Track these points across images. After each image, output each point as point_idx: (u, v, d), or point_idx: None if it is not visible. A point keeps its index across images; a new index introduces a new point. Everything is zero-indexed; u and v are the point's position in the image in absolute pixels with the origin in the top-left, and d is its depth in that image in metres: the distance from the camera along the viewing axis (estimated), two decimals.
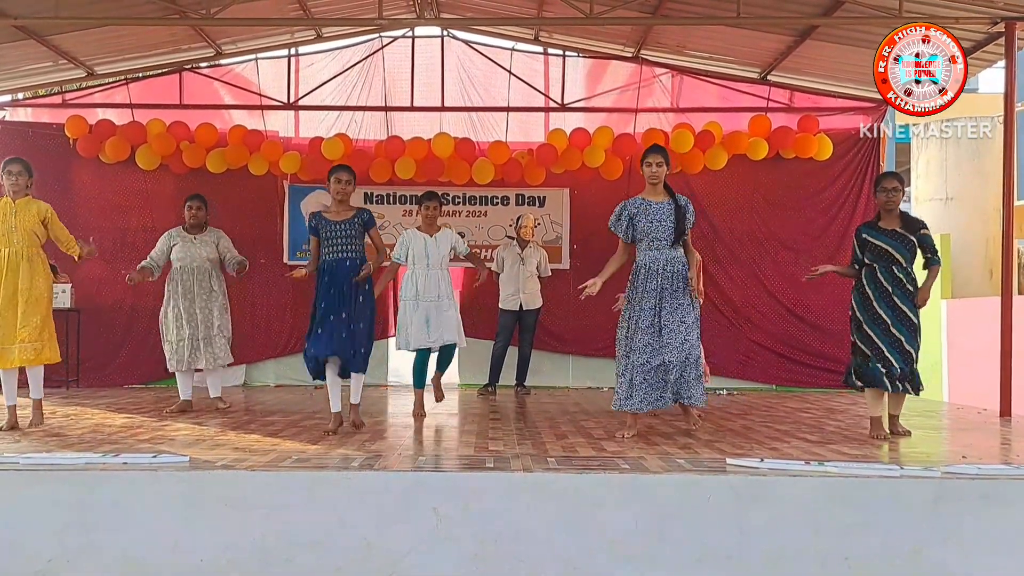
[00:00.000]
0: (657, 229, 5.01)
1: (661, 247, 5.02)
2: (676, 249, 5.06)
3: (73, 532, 3.64)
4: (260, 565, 3.62)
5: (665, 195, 5.10)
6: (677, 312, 4.96)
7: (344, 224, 5.13)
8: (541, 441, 4.90)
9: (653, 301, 4.98)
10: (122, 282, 8.37)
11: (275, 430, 5.31)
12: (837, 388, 8.29)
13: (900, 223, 5.11)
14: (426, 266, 6.07)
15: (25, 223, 5.23)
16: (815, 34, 7.32)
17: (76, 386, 8.09)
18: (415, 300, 6.03)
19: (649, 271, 5.01)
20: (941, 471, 3.85)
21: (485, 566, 3.61)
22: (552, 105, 8.75)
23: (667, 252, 5.02)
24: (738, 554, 3.62)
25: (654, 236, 5.02)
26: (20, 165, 5.34)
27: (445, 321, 6.02)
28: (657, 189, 5.10)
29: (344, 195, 5.17)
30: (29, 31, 7.21)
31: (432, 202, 6.23)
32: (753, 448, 4.66)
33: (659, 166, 5.07)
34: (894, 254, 5.04)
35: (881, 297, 5.03)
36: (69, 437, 4.92)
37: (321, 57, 8.81)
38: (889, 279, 5.04)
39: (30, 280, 5.20)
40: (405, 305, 6.09)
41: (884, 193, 5.13)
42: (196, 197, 6.44)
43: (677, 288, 4.99)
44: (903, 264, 5.05)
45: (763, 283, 8.48)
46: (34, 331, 5.16)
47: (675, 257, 5.04)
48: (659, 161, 5.08)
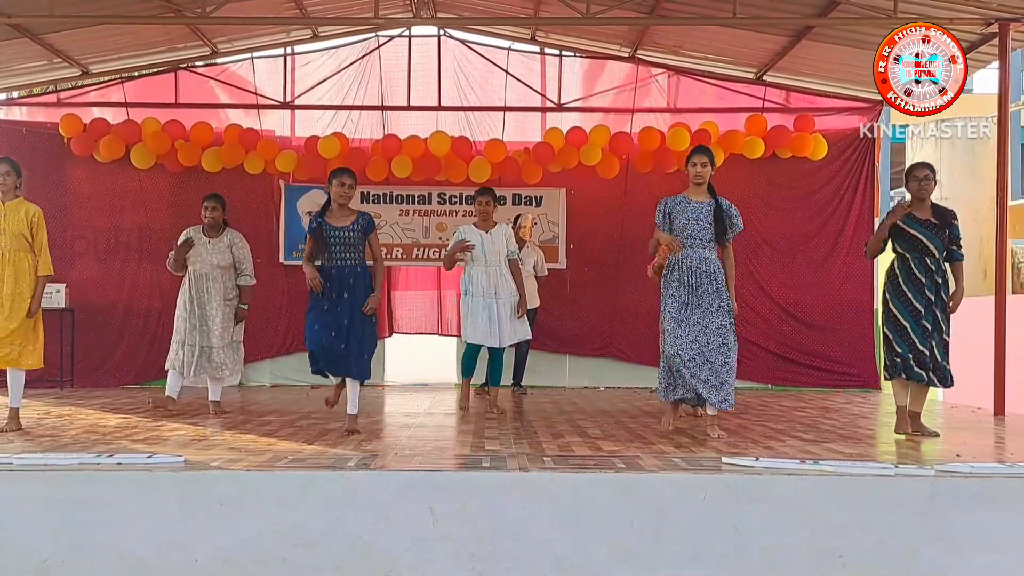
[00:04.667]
0: (693, 227, 5.00)
1: (695, 245, 5.00)
2: (710, 250, 5.03)
3: (68, 533, 3.62)
4: (256, 565, 3.62)
5: (707, 195, 5.09)
6: (709, 314, 4.93)
7: (346, 230, 5.04)
8: (538, 440, 4.91)
9: (684, 296, 4.97)
10: (117, 282, 8.42)
11: (271, 430, 5.30)
12: (832, 387, 8.33)
13: (932, 213, 5.11)
14: (484, 263, 6.06)
15: (14, 225, 5.12)
16: (811, 34, 7.33)
17: (70, 386, 8.07)
18: (481, 298, 6.03)
19: (680, 266, 5.00)
20: (935, 470, 3.86)
21: (482, 565, 3.61)
22: (549, 105, 8.75)
23: (699, 251, 5.00)
24: (734, 552, 3.63)
25: (689, 234, 5.00)
26: (8, 165, 5.20)
27: (508, 320, 6.04)
28: (700, 189, 5.09)
29: (346, 199, 5.08)
30: (23, 29, 7.19)
31: (485, 197, 6.17)
32: (749, 447, 4.67)
33: (704, 166, 5.05)
34: (928, 245, 5.05)
35: (915, 287, 5.04)
36: (63, 438, 4.90)
37: (317, 56, 8.81)
38: (922, 270, 5.05)
39: (14, 284, 5.10)
40: (469, 301, 6.07)
41: (916, 182, 5.12)
42: (213, 196, 6.12)
43: (707, 290, 4.95)
44: (935, 255, 5.06)
45: (759, 282, 8.49)
46: (15, 335, 5.07)
47: (707, 257, 5.00)
48: (704, 161, 5.07)
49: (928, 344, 5.01)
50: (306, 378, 8.46)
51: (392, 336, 8.84)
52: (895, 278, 5.12)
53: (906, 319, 5.04)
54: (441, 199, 8.57)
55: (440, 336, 8.96)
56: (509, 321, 6.07)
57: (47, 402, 6.80)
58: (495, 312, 6.02)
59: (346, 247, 5.05)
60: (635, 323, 8.37)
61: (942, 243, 5.07)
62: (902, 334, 5.04)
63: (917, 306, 5.03)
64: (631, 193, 8.50)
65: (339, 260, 5.05)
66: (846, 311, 8.45)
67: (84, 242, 8.42)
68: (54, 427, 5.37)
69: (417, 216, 8.60)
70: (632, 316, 8.41)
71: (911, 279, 5.05)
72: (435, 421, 5.92)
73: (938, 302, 5.05)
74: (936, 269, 5.06)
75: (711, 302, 4.96)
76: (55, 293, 7.84)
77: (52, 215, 8.28)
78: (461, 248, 6.09)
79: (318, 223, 5.10)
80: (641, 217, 6.93)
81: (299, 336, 8.44)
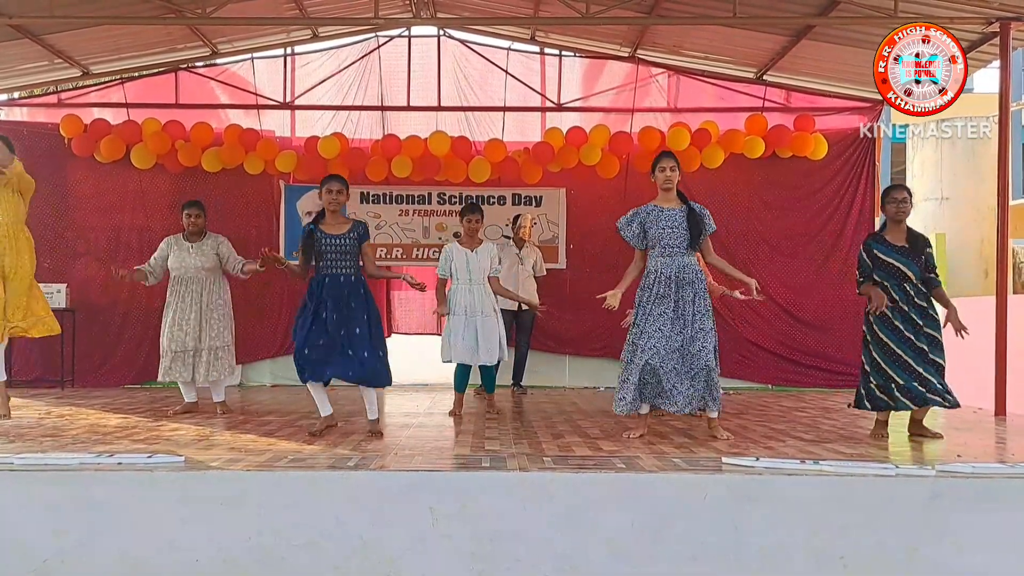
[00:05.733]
0: (669, 236, 4.94)
1: (673, 254, 4.95)
2: (690, 256, 4.99)
3: (68, 533, 3.63)
4: (256, 565, 3.62)
5: (678, 202, 5.04)
6: (695, 320, 4.88)
7: (341, 238, 5.00)
8: (537, 441, 4.90)
9: (664, 306, 4.88)
10: (117, 282, 8.33)
11: (271, 430, 5.30)
12: (833, 388, 8.32)
13: (907, 237, 5.07)
14: (468, 282, 6.06)
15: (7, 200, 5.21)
16: (811, 34, 7.33)
17: (71, 386, 8.07)
18: (463, 316, 6.02)
19: (659, 277, 4.94)
20: (936, 470, 3.86)
21: (481, 565, 3.61)
22: (548, 105, 8.75)
23: (679, 259, 4.95)
24: (734, 553, 3.63)
25: (666, 243, 4.94)
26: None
27: (491, 339, 6.05)
28: (670, 195, 5.03)
29: (336, 205, 5.04)
30: (24, 30, 7.19)
31: (475, 215, 6.14)
32: (749, 447, 4.67)
33: (672, 170, 5.00)
34: (905, 271, 5.01)
35: (900, 314, 4.98)
36: (64, 437, 4.91)
37: (317, 56, 8.80)
38: (902, 297, 5.01)
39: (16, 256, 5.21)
40: (454, 320, 6.07)
41: (894, 204, 5.09)
42: (194, 204, 6.21)
43: (689, 296, 4.90)
44: (913, 280, 5.01)
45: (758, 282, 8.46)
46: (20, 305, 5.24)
47: (687, 264, 4.95)
48: (671, 165, 5.01)
49: (929, 368, 4.93)
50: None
51: (391, 336, 8.84)
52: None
53: (899, 346, 4.96)
54: (441, 199, 8.57)
55: (440, 336, 8.94)
56: (490, 339, 6.06)
57: (47, 402, 6.80)
58: (479, 330, 6.02)
59: (341, 255, 4.99)
60: None
61: (919, 268, 5.02)
62: (895, 360, 4.96)
63: (905, 333, 4.96)
64: (631, 193, 8.46)
65: (334, 268, 4.98)
66: (846, 311, 8.42)
67: (85, 242, 8.43)
68: (55, 427, 5.36)
69: (417, 216, 8.60)
70: None
71: (893, 307, 4.99)
72: (435, 421, 5.92)
73: (928, 323, 4.99)
74: (917, 294, 5.01)
75: (693, 309, 4.89)
76: (56, 293, 7.84)
77: (53, 215, 8.38)
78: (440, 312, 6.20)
79: (310, 230, 5.05)
80: None
81: None
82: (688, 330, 4.88)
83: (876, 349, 5.04)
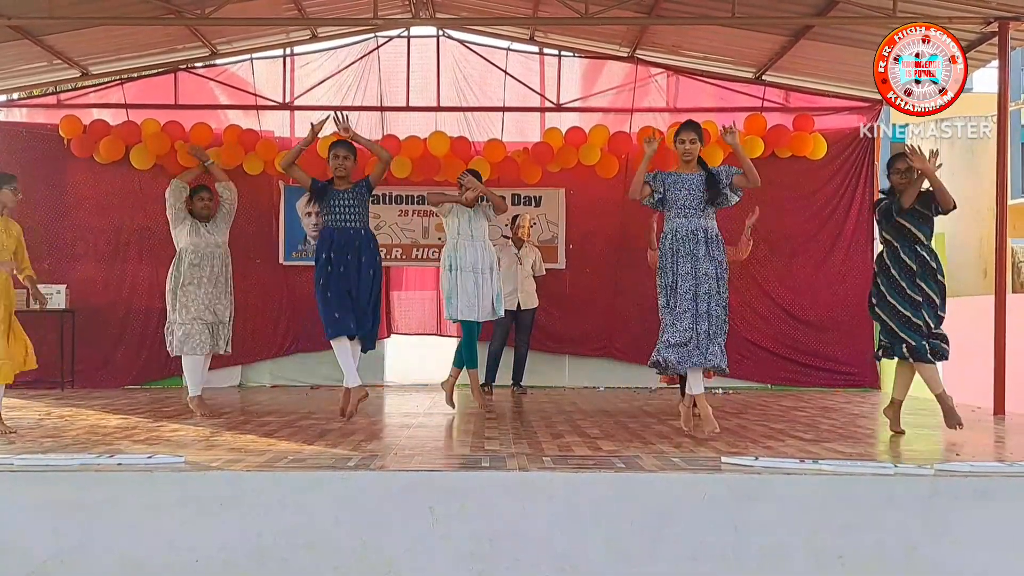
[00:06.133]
0: (686, 197, 4.96)
1: (690, 215, 4.96)
2: (706, 218, 4.98)
3: (68, 533, 3.63)
4: (256, 565, 3.62)
5: (698, 168, 5.05)
6: (709, 280, 4.89)
7: (349, 192, 5.20)
8: (537, 441, 4.91)
9: (687, 266, 4.89)
10: (117, 283, 8.41)
11: (271, 430, 5.31)
12: (832, 387, 8.33)
13: (918, 200, 5.10)
14: (471, 237, 6.20)
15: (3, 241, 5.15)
16: (810, 34, 7.34)
17: (71, 387, 8.07)
18: (470, 272, 6.11)
19: (676, 237, 4.95)
20: (935, 469, 3.86)
21: (482, 565, 3.61)
22: (548, 105, 8.75)
23: (695, 220, 4.96)
24: (733, 552, 3.63)
25: (683, 204, 4.96)
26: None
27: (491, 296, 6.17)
28: (690, 165, 5.04)
29: (344, 171, 5.26)
30: (23, 31, 7.19)
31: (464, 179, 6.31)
32: (748, 447, 4.67)
33: (692, 143, 4.98)
34: (915, 232, 5.07)
35: (908, 275, 5.05)
36: (64, 438, 4.91)
37: (316, 57, 8.81)
38: (913, 258, 5.06)
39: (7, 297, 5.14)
40: (457, 276, 6.12)
41: (897, 175, 5.14)
42: (205, 188, 6.19)
43: (703, 255, 4.90)
44: (924, 242, 5.08)
45: (758, 282, 8.49)
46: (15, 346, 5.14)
47: (703, 226, 4.95)
48: (692, 138, 4.99)
49: (926, 313, 5.01)
50: (306, 378, 8.56)
51: (391, 337, 8.84)
52: (886, 268, 5.13)
53: (902, 305, 5.04)
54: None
55: (440, 336, 8.96)
56: (491, 297, 6.19)
57: (48, 403, 6.81)
58: (481, 286, 6.11)
59: (350, 208, 5.23)
60: (635, 323, 8.35)
61: (930, 229, 5.09)
62: (900, 319, 5.03)
63: (912, 294, 5.04)
64: None
65: (343, 222, 5.20)
66: (846, 311, 8.44)
67: (84, 243, 8.43)
68: (55, 428, 5.37)
69: (416, 216, 8.60)
70: (632, 316, 8.39)
71: (903, 269, 5.06)
72: (435, 421, 5.92)
73: (932, 286, 5.05)
74: (928, 255, 5.08)
75: (714, 267, 4.91)
76: (56, 294, 7.84)
77: (52, 216, 8.39)
78: (454, 199, 6.29)
79: (323, 185, 5.31)
80: (641, 217, 6.92)
81: (299, 336, 8.51)
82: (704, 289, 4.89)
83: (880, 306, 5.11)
